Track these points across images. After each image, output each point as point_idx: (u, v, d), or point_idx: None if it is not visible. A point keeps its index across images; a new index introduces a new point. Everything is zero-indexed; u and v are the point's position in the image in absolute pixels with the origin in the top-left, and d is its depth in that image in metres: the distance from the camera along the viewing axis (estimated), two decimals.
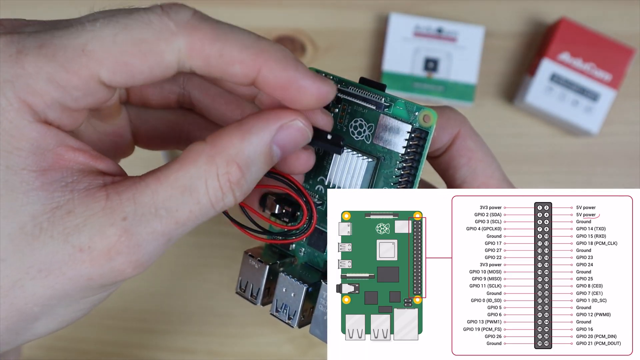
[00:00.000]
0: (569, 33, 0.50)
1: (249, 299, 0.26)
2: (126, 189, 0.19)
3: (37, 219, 0.18)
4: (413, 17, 0.51)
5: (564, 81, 0.50)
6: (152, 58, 0.19)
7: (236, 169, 0.20)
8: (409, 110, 0.24)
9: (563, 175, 0.53)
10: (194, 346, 0.50)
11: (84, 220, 0.18)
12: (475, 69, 0.51)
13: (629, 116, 0.53)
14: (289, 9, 0.54)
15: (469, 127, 0.26)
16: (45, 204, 0.18)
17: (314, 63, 0.53)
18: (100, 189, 0.19)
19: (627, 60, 0.50)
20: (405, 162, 0.24)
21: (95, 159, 0.20)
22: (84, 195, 0.19)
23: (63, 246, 0.18)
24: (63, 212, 0.18)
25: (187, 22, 0.19)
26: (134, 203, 0.19)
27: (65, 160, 0.19)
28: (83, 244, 0.18)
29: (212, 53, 0.19)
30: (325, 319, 0.24)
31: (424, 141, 0.23)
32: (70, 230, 0.18)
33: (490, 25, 0.53)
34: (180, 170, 0.20)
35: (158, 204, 0.19)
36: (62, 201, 0.19)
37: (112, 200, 0.19)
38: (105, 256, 0.19)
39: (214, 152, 0.20)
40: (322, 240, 0.26)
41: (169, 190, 0.19)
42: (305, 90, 0.20)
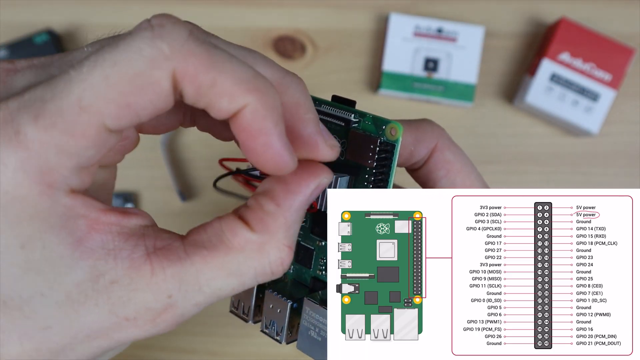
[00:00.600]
0: (569, 33, 0.50)
1: (241, 316, 0.27)
2: (171, 264, 0.19)
3: (81, 287, 0.18)
4: (413, 17, 0.51)
5: (564, 81, 0.50)
6: (151, 90, 0.17)
7: (288, 252, 0.21)
8: (377, 125, 0.24)
9: (563, 175, 0.53)
10: (194, 346, 0.50)
11: (128, 293, 0.19)
12: (475, 69, 0.51)
13: (629, 116, 0.53)
14: (289, 9, 0.54)
15: (446, 139, 0.26)
16: (87, 272, 0.19)
17: (314, 63, 0.53)
18: (145, 261, 0.19)
19: (627, 60, 0.50)
20: (375, 175, 0.24)
21: (126, 216, 0.20)
22: (128, 266, 0.19)
23: (109, 316, 0.19)
24: (107, 281, 0.19)
25: (182, 46, 0.17)
26: (179, 281, 0.19)
27: (99, 224, 0.19)
28: (129, 315, 0.19)
29: (205, 82, 0.18)
30: (309, 334, 0.25)
31: (392, 154, 0.24)
32: (115, 301, 0.19)
33: (490, 25, 0.53)
34: (228, 255, 0.20)
35: (202, 282, 0.20)
36: (105, 269, 0.19)
37: (157, 276, 0.19)
38: (150, 323, 0.19)
39: (262, 241, 0.20)
40: (308, 257, 0.26)
41: (214, 271, 0.20)
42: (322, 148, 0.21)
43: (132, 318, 0.19)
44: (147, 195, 0.53)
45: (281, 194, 0.21)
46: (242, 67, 0.18)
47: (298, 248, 0.27)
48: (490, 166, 0.53)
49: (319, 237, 0.26)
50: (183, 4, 0.52)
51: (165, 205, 0.52)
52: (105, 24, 0.53)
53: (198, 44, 0.18)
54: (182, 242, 0.20)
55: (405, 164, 0.26)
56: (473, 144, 0.53)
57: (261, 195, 0.21)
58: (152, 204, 0.53)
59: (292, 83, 0.20)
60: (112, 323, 0.19)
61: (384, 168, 0.24)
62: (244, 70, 0.18)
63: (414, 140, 0.25)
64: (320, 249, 0.26)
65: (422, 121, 0.26)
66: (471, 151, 0.53)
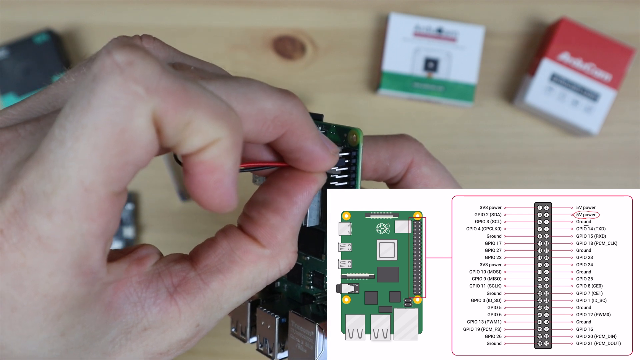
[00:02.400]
0: (569, 33, 0.50)
1: (240, 338, 0.27)
2: (194, 298, 0.20)
3: (115, 340, 0.19)
4: (413, 17, 0.51)
5: (564, 81, 0.50)
6: (139, 141, 0.16)
7: (294, 255, 0.22)
8: (340, 133, 0.25)
9: (563, 175, 0.53)
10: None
11: (161, 334, 0.20)
12: (475, 69, 0.51)
13: (629, 116, 0.53)
14: (289, 9, 0.54)
15: (424, 154, 0.26)
16: (120, 328, 0.19)
17: (314, 63, 0.53)
18: (170, 302, 0.20)
19: (627, 60, 0.50)
20: (341, 181, 0.24)
21: (140, 262, 0.20)
22: (157, 312, 0.20)
23: (143, 355, 0.20)
24: (139, 330, 0.20)
25: (158, 83, 0.16)
26: (204, 310, 0.21)
27: (121, 283, 0.19)
28: (162, 350, 0.20)
29: (182, 120, 0.16)
30: (296, 347, 0.25)
31: (356, 159, 0.24)
32: (149, 343, 0.20)
33: (490, 25, 0.53)
34: (243, 272, 0.21)
35: (222, 303, 0.21)
36: (136, 321, 0.19)
37: (184, 313, 0.20)
38: (180, 349, 0.21)
39: (274, 254, 0.22)
40: (297, 274, 0.27)
41: (232, 290, 0.21)
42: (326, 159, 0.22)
43: (165, 352, 0.20)
44: (147, 195, 0.53)
45: (285, 206, 0.22)
46: (216, 101, 0.17)
47: None
48: (490, 166, 0.53)
49: (304, 252, 0.26)
50: (183, 4, 0.52)
51: (165, 205, 0.52)
52: (105, 24, 0.53)
53: (172, 80, 0.16)
54: (196, 270, 0.21)
55: (382, 179, 0.27)
56: (473, 144, 0.53)
57: (264, 208, 0.22)
58: (152, 204, 0.53)
59: (293, 108, 0.21)
60: (147, 359, 0.20)
61: (349, 174, 0.24)
62: (218, 105, 0.17)
63: (390, 156, 0.26)
64: (307, 263, 0.26)
65: (399, 137, 0.27)
66: (471, 151, 0.53)
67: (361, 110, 0.53)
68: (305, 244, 0.26)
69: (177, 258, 0.21)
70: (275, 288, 0.28)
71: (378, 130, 0.48)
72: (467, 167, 0.53)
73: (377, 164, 0.26)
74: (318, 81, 0.53)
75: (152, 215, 0.53)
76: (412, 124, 0.53)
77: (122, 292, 0.19)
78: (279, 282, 0.28)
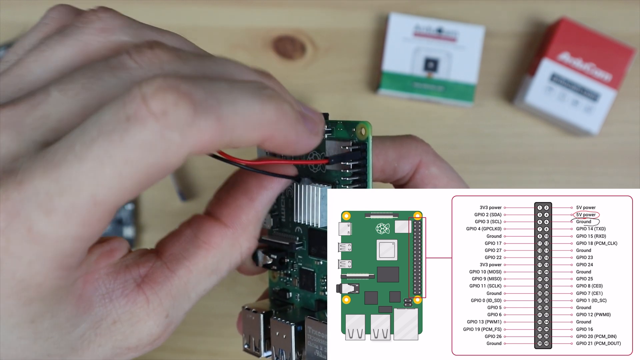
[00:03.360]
0: (569, 33, 0.50)
1: (253, 353, 0.26)
2: (161, 286, 0.20)
3: (84, 336, 0.19)
4: (413, 17, 0.51)
5: (564, 81, 0.50)
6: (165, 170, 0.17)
7: (255, 242, 0.23)
8: (348, 128, 0.24)
9: (563, 175, 0.53)
10: (194, 346, 0.50)
11: (131, 327, 0.20)
12: (475, 69, 0.51)
13: (629, 116, 0.53)
14: (289, 9, 0.54)
15: (432, 155, 0.26)
16: (89, 322, 0.19)
17: (314, 63, 0.53)
18: (138, 292, 0.20)
19: (627, 60, 0.50)
20: (353, 176, 0.24)
21: (109, 254, 0.20)
22: (125, 303, 0.20)
23: (112, 350, 0.20)
24: (109, 323, 0.20)
25: (192, 126, 0.16)
26: (172, 298, 0.21)
27: (90, 275, 0.20)
28: (131, 344, 0.20)
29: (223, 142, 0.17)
30: (315, 354, 0.24)
31: (366, 153, 0.24)
32: (118, 337, 0.20)
33: (490, 25, 0.53)
34: (208, 256, 0.21)
35: (190, 290, 0.21)
36: (105, 313, 0.19)
37: (152, 303, 0.20)
38: (150, 345, 0.21)
39: (236, 235, 0.22)
40: (310, 281, 0.26)
41: (199, 276, 0.21)
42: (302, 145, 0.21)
43: (133, 347, 0.20)
44: (147, 195, 0.53)
45: (254, 189, 0.22)
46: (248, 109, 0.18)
47: (300, 273, 0.27)
48: (490, 166, 0.53)
49: (316, 257, 0.26)
50: (183, 4, 0.52)
51: (165, 205, 0.52)
52: None
53: (206, 116, 0.16)
54: (161, 259, 0.21)
55: (390, 180, 0.27)
56: (473, 144, 0.53)
57: (233, 189, 0.22)
58: (152, 204, 0.53)
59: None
60: (115, 354, 0.20)
61: (361, 168, 0.24)
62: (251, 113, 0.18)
63: (397, 157, 0.26)
64: (320, 268, 0.26)
65: (406, 137, 0.26)
66: (471, 151, 0.53)
67: (361, 110, 0.53)
68: (318, 249, 0.26)
69: (143, 252, 0.21)
70: (287, 299, 0.28)
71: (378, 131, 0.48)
72: (467, 167, 0.53)
73: (385, 164, 0.26)
74: (318, 81, 0.53)
75: (152, 215, 0.53)
76: (412, 124, 0.53)
77: (90, 284, 0.19)
78: (290, 292, 0.27)
